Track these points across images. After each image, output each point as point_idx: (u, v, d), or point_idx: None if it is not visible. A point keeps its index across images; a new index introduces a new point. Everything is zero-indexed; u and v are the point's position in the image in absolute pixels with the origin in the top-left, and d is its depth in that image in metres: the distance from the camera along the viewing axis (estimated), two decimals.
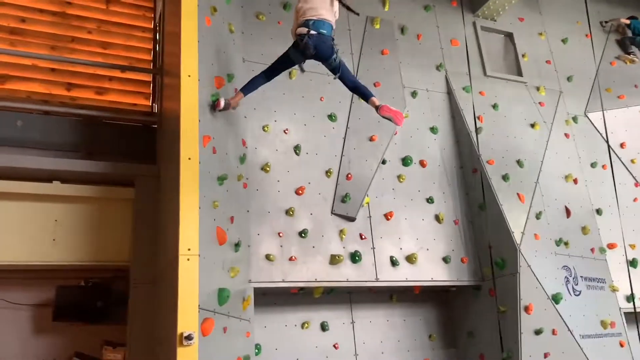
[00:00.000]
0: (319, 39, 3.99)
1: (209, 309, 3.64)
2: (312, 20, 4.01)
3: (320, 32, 3.99)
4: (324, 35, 4.01)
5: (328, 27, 4.05)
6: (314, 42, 3.97)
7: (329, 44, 4.03)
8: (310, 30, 3.98)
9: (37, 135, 5.01)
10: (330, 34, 4.07)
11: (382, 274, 5.10)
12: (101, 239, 4.66)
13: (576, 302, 5.38)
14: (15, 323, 4.74)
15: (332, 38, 4.07)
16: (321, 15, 4.04)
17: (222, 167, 4.28)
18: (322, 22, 4.03)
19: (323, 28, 4.01)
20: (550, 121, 6.56)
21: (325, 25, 4.03)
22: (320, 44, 3.99)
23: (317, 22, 4.01)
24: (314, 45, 3.98)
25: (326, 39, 4.02)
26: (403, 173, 5.67)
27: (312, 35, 3.97)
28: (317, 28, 3.99)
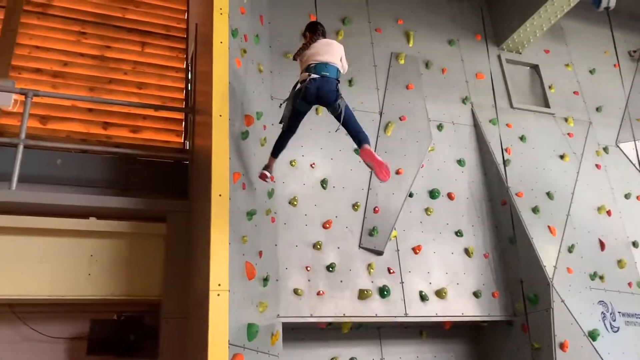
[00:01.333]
0: (321, 82, 3.87)
1: (239, 344, 3.66)
2: (314, 64, 3.94)
3: (322, 75, 3.88)
4: (327, 77, 3.89)
5: (332, 70, 3.93)
6: (316, 85, 3.85)
7: (332, 87, 3.87)
8: (312, 74, 3.89)
9: (75, 173, 5.21)
10: (335, 76, 3.95)
11: (411, 309, 5.05)
12: (134, 273, 4.76)
13: (614, 339, 5.19)
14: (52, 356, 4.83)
15: (337, 81, 3.95)
16: (324, 59, 3.96)
17: (251, 202, 4.37)
18: (325, 64, 3.93)
19: (325, 70, 3.90)
20: (580, 152, 6.48)
21: (328, 67, 3.92)
22: (323, 86, 3.86)
23: (319, 65, 3.93)
24: (316, 88, 3.85)
25: (330, 82, 3.89)
26: (431, 206, 5.66)
27: (315, 79, 3.88)
28: (319, 71, 3.89)
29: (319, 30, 4.21)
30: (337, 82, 3.95)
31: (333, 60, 4.00)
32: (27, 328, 4.80)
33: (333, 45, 4.10)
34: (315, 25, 4.29)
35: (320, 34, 4.19)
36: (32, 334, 4.83)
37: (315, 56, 3.99)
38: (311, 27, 4.29)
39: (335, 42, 4.16)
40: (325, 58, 3.97)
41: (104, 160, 5.45)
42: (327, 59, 3.97)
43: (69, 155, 5.34)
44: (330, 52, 4.01)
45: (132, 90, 6.12)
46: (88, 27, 6.21)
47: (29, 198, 4.51)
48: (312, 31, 4.23)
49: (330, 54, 4.01)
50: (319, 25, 4.27)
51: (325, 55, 3.99)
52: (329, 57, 3.99)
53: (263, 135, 4.96)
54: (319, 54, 3.99)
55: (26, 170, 4.77)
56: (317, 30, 4.21)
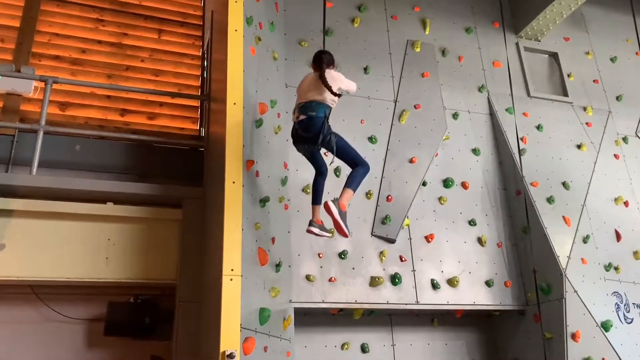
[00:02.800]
0: (307, 123, 3.79)
1: (251, 328, 3.74)
2: (301, 104, 3.86)
3: (308, 115, 3.80)
4: (313, 117, 3.78)
5: (316, 108, 3.78)
6: (302, 127, 3.81)
7: (317, 128, 3.76)
8: (300, 116, 3.84)
9: (93, 159, 5.33)
10: (323, 114, 3.79)
11: (422, 297, 5.07)
12: (150, 257, 4.88)
13: (628, 330, 5.16)
14: (71, 336, 5.00)
15: (323, 118, 3.78)
16: (308, 97, 3.84)
17: (265, 189, 4.42)
18: (309, 104, 3.81)
19: (310, 110, 3.79)
20: (598, 142, 6.38)
21: (312, 106, 3.80)
22: (309, 128, 3.78)
23: (304, 105, 3.84)
24: (303, 130, 3.81)
25: (316, 122, 3.77)
26: (444, 195, 5.65)
27: (302, 121, 3.82)
28: (304, 112, 3.82)
29: (323, 60, 3.91)
30: (324, 119, 3.79)
31: (318, 97, 3.81)
32: (48, 309, 4.97)
33: (314, 81, 3.89)
34: (318, 55, 4.00)
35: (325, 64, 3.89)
36: (52, 314, 5.00)
37: (303, 94, 3.89)
38: (316, 56, 4.01)
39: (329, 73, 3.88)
40: (311, 95, 3.83)
41: (121, 147, 5.55)
42: (313, 97, 3.82)
43: (87, 141, 5.46)
44: (319, 88, 3.80)
45: (148, 78, 6.20)
46: (106, 15, 6.29)
47: (48, 183, 4.64)
48: (315, 62, 3.98)
49: (318, 90, 3.81)
50: (322, 55, 3.97)
51: (313, 91, 3.84)
52: (314, 94, 3.83)
53: (277, 123, 5.00)
54: (306, 91, 3.87)
55: (46, 156, 4.90)
56: (321, 60, 3.92)
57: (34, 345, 4.88)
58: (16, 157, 5.04)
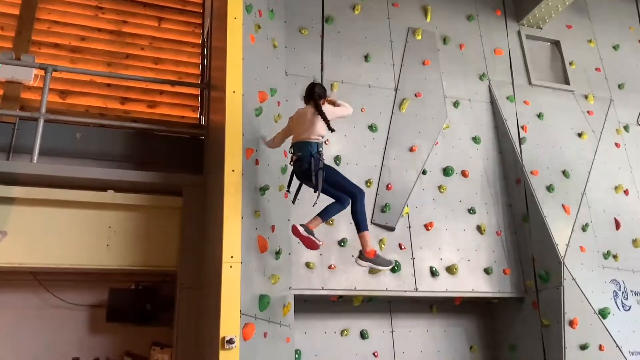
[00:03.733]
0: (300, 162, 3.98)
1: (251, 314, 3.78)
2: (293, 145, 4.06)
3: (298, 155, 3.99)
4: (301, 156, 3.96)
5: (303, 147, 3.96)
6: (296, 166, 4.02)
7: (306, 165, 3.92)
8: (294, 156, 4.03)
9: (94, 147, 5.35)
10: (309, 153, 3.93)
11: (421, 284, 5.11)
12: (151, 245, 4.91)
13: (626, 318, 5.20)
14: (73, 322, 5.06)
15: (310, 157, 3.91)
16: (300, 137, 4.00)
17: (264, 178, 4.44)
18: (298, 144, 4.01)
19: (298, 150, 3.98)
20: (599, 130, 6.37)
21: (299, 145, 3.99)
22: (301, 166, 3.97)
23: (295, 145, 4.04)
24: (297, 168, 4.01)
25: (304, 161, 3.94)
26: (444, 183, 5.66)
27: (295, 161, 4.02)
28: (295, 152, 4.02)
29: (315, 94, 4.03)
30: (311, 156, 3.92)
31: (307, 135, 3.96)
32: (50, 295, 5.03)
33: (302, 117, 4.01)
34: (312, 87, 4.09)
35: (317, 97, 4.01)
36: (55, 300, 5.05)
37: (295, 134, 4.07)
38: (307, 90, 4.12)
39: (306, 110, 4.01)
40: (300, 135, 4.00)
41: (121, 135, 5.56)
42: (301, 137, 3.99)
43: (88, 129, 5.47)
44: (306, 126, 3.96)
45: (148, 66, 6.19)
46: (105, 2, 6.27)
47: (49, 171, 4.66)
48: (307, 96, 4.09)
49: (306, 128, 3.97)
50: (315, 89, 4.06)
51: (300, 130, 4.00)
52: (301, 132, 3.99)
53: (277, 112, 4.99)
54: (295, 130, 4.06)
55: (47, 144, 4.91)
56: (312, 93, 4.04)
57: (37, 330, 4.95)
58: (17, 145, 5.06)
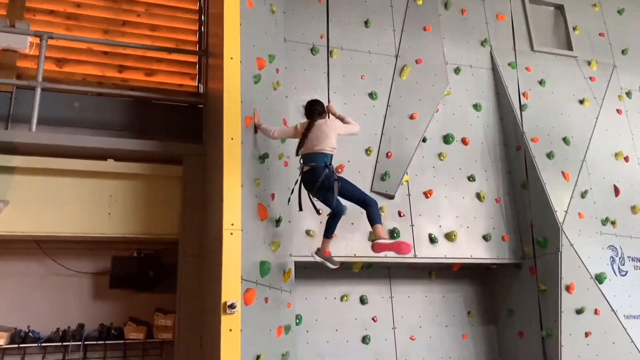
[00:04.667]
0: (312, 173, 4.03)
1: (251, 280, 3.84)
2: (306, 155, 4.07)
3: (310, 166, 4.04)
4: (315, 167, 4.02)
5: (319, 158, 4.02)
6: (307, 177, 4.05)
7: (319, 175, 3.99)
8: (305, 166, 4.06)
9: (93, 116, 5.33)
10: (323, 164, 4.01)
11: (420, 251, 5.17)
12: (152, 213, 4.94)
13: (622, 283, 5.27)
14: (78, 289, 5.16)
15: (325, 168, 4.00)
16: (314, 148, 4.04)
17: (264, 146, 4.43)
18: (313, 155, 4.04)
19: (313, 161, 4.03)
20: (601, 97, 6.32)
21: (317, 157, 4.03)
22: (314, 177, 4.01)
23: (308, 155, 4.07)
24: (309, 180, 4.05)
25: (318, 171, 4.00)
26: (444, 151, 5.66)
27: (306, 172, 4.05)
28: (307, 162, 4.06)
29: (315, 111, 4.14)
30: (326, 167, 4.01)
31: (320, 147, 4.03)
32: (54, 263, 5.10)
33: (327, 130, 4.08)
34: (310, 106, 4.20)
35: (317, 114, 4.13)
36: (59, 268, 5.13)
37: (308, 144, 4.07)
38: (307, 108, 4.22)
39: (332, 124, 4.13)
40: (320, 147, 4.03)
41: (120, 104, 5.53)
42: (313, 148, 4.04)
43: (86, 98, 5.43)
44: (321, 138, 4.04)
45: (145, 33, 6.09)
46: None
47: (48, 140, 4.65)
48: (307, 114, 4.20)
49: (320, 141, 4.04)
50: (315, 107, 4.18)
51: (314, 142, 4.05)
52: (317, 144, 4.04)
53: (276, 79, 4.95)
54: (310, 142, 4.06)
55: (45, 113, 4.89)
56: (312, 112, 4.16)
57: (42, 297, 5.04)
58: (15, 114, 5.04)
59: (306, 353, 4.89)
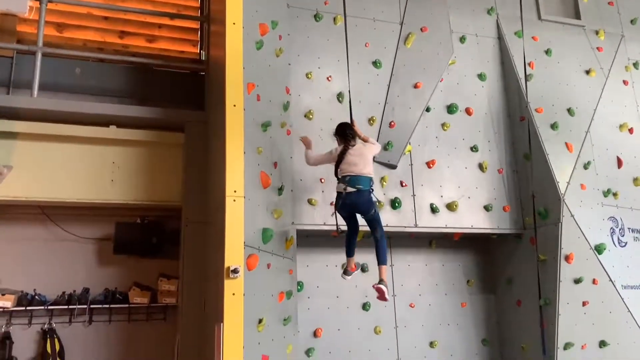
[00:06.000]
0: (357, 196, 4.04)
1: (254, 246, 3.89)
2: (349, 177, 4.06)
3: (357, 188, 4.03)
4: (361, 189, 4.04)
5: (364, 181, 4.07)
6: (351, 199, 4.05)
7: (366, 198, 4.06)
8: (348, 187, 4.04)
9: (94, 82, 5.30)
10: (368, 187, 4.08)
11: (421, 220, 5.19)
12: (155, 180, 4.97)
13: (621, 253, 5.32)
14: (82, 254, 5.22)
15: (370, 190, 4.10)
16: (357, 170, 4.07)
17: (266, 114, 4.41)
18: (357, 177, 4.05)
19: (359, 183, 4.04)
20: (607, 67, 6.23)
21: (360, 180, 4.05)
22: (359, 199, 4.04)
23: (353, 178, 4.05)
24: (352, 202, 4.05)
25: (364, 194, 4.05)
26: (447, 121, 5.62)
27: (350, 193, 4.04)
28: (353, 184, 4.04)
29: (349, 136, 4.22)
30: (371, 190, 4.11)
31: (366, 170, 4.11)
32: (59, 228, 5.15)
33: (365, 153, 4.17)
34: (343, 129, 4.27)
35: (351, 138, 4.21)
36: (63, 234, 5.19)
37: (349, 167, 4.09)
38: (340, 131, 4.28)
39: (367, 148, 4.22)
40: (359, 169, 4.08)
41: (121, 70, 5.50)
42: (360, 171, 4.08)
43: (87, 64, 5.40)
44: (363, 162, 4.12)
45: None
46: None
47: (50, 105, 4.65)
48: (342, 136, 4.25)
49: (364, 164, 4.12)
50: (347, 130, 4.26)
51: (360, 165, 4.09)
52: (362, 167, 4.10)
53: (279, 46, 4.88)
54: (354, 165, 4.09)
55: (46, 79, 4.87)
56: (346, 135, 4.22)
57: (47, 262, 5.11)
58: (16, 80, 5.02)
59: (307, 318, 4.98)
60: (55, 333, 4.98)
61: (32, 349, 4.97)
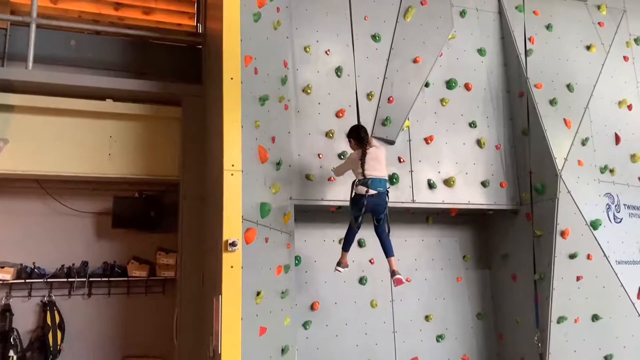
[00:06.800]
0: (378, 198, 4.22)
1: (252, 220, 3.90)
2: (371, 180, 4.21)
3: (378, 191, 4.21)
4: (382, 192, 4.24)
5: (384, 184, 4.28)
6: (373, 202, 4.21)
7: (385, 200, 4.26)
8: (370, 190, 4.18)
9: (90, 55, 5.24)
10: (386, 189, 4.29)
11: (418, 196, 5.21)
12: (153, 154, 4.96)
13: (616, 229, 5.35)
14: (81, 228, 5.25)
15: (386, 191, 4.29)
16: (379, 174, 4.25)
17: (264, 87, 4.38)
18: (379, 180, 4.24)
19: (380, 186, 4.23)
20: (608, 43, 6.17)
21: (382, 183, 4.26)
22: (380, 202, 4.23)
23: (375, 181, 4.22)
24: (373, 204, 4.22)
25: (384, 196, 4.26)
26: (446, 97, 5.59)
27: (372, 195, 4.20)
28: (375, 187, 4.21)
29: (365, 139, 4.33)
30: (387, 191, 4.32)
31: (384, 173, 4.32)
32: (57, 203, 5.16)
33: (380, 156, 4.35)
34: (358, 132, 4.38)
35: (367, 142, 4.31)
36: (62, 208, 5.20)
37: (370, 171, 4.23)
38: (356, 135, 4.38)
39: (380, 150, 4.39)
40: (380, 173, 4.27)
41: (117, 43, 5.43)
42: (381, 174, 4.27)
43: (82, 36, 5.33)
44: (382, 166, 4.31)
45: None
46: None
47: (46, 78, 4.60)
48: (359, 141, 4.35)
49: (382, 167, 4.31)
50: (363, 133, 4.36)
51: (379, 169, 4.27)
52: (381, 170, 4.28)
53: (276, 18, 4.81)
54: (374, 169, 4.25)
55: (41, 51, 4.81)
56: (363, 139, 4.33)
57: (45, 235, 5.14)
58: (11, 52, 4.96)
59: (305, 292, 5.04)
60: (55, 305, 5.04)
61: (32, 321, 5.03)
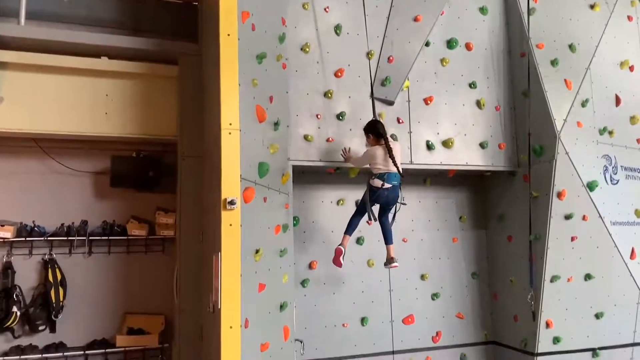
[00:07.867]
0: (393, 191, 4.47)
1: (250, 179, 3.91)
2: (387, 174, 4.42)
3: (393, 184, 4.44)
4: (396, 185, 4.47)
5: (399, 178, 4.49)
6: (387, 194, 4.46)
7: (398, 193, 4.52)
8: (385, 184, 4.40)
9: (84, 12, 5.12)
10: (399, 182, 4.50)
11: (417, 157, 5.21)
12: (150, 113, 4.92)
13: (612, 191, 5.39)
14: (79, 188, 5.26)
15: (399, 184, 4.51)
16: (394, 168, 4.42)
17: (261, 45, 4.30)
18: (395, 174, 4.45)
19: (395, 180, 4.45)
20: (613, 2, 6.05)
21: (397, 176, 4.47)
22: (394, 194, 4.50)
23: (391, 175, 4.44)
24: (386, 196, 4.47)
25: (397, 189, 4.50)
26: (447, 56, 5.51)
27: (388, 188, 4.43)
28: (391, 181, 4.43)
29: (384, 135, 4.51)
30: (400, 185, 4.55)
31: (394, 167, 4.47)
32: (54, 162, 5.15)
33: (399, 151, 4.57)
34: (377, 128, 4.56)
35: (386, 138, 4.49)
36: (59, 167, 5.19)
37: (386, 164, 4.44)
38: (375, 130, 4.57)
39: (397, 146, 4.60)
40: (389, 166, 4.44)
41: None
42: (392, 168, 4.45)
43: None
44: (397, 159, 4.47)
45: None
46: None
47: (39, 34, 4.51)
48: (377, 136, 4.54)
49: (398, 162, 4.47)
50: (381, 129, 4.54)
51: (389, 162, 4.43)
52: (393, 165, 4.44)
53: None
54: (384, 163, 4.44)
55: (34, 7, 4.69)
56: (381, 135, 4.51)
57: (44, 195, 5.15)
58: (1, 7, 4.83)
59: (303, 251, 5.10)
60: (56, 263, 5.10)
61: (34, 278, 5.10)
